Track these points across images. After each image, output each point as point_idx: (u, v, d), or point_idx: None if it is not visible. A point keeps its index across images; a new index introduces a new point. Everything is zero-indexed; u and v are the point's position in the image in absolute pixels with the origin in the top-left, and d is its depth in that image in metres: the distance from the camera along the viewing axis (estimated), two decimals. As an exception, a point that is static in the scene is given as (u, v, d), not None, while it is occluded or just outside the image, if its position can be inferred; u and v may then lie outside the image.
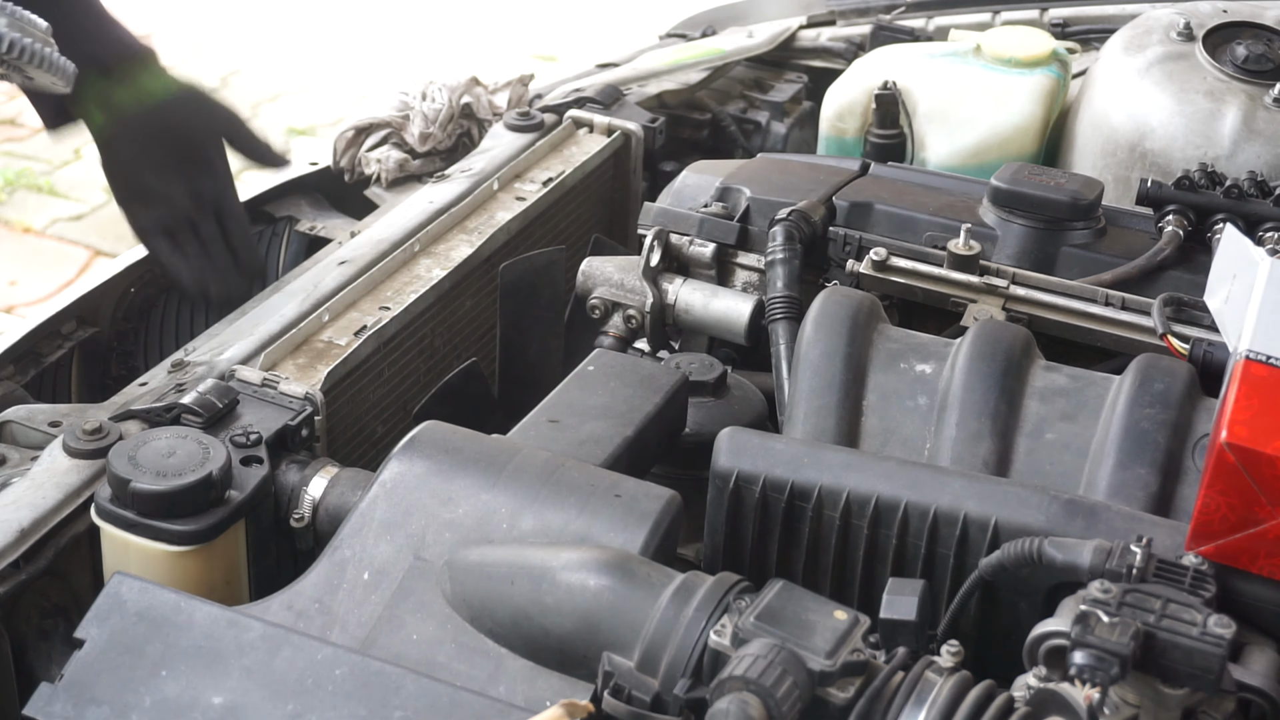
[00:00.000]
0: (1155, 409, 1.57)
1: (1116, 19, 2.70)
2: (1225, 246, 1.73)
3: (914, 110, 2.40)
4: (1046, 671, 1.27)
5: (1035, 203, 1.99)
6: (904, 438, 1.63)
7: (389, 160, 2.37)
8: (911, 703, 1.22)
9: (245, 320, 1.93)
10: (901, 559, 1.48)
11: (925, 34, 2.82)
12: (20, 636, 1.57)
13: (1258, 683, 1.28)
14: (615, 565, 1.34)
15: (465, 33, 6.15)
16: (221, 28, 6.19)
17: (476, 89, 2.48)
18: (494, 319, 2.10)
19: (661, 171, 2.45)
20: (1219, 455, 1.30)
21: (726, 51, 2.77)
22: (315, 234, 2.37)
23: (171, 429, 1.59)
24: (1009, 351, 1.65)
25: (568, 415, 1.67)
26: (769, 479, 1.50)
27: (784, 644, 1.23)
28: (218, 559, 1.56)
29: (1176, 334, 1.76)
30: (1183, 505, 1.51)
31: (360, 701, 1.30)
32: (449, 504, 1.45)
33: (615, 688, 1.29)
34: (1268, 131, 2.18)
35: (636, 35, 3.41)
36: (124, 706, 1.31)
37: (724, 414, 1.79)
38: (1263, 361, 1.39)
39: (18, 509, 1.57)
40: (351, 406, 1.86)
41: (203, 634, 1.35)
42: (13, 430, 1.72)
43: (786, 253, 1.95)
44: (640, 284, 2.01)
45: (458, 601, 1.39)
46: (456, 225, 2.13)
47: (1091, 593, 1.25)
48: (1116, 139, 2.26)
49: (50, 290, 4.46)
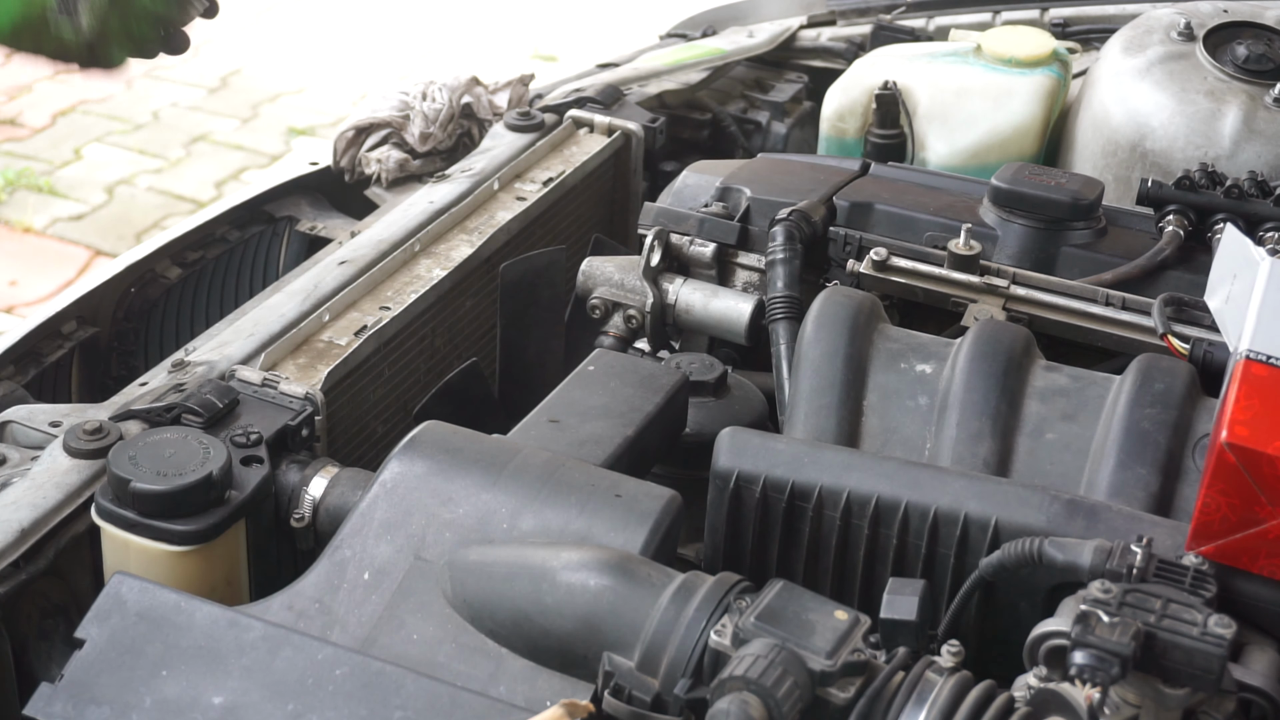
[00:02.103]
0: (1156, 409, 1.57)
1: (1117, 19, 2.70)
2: (1226, 246, 1.73)
3: (914, 110, 2.40)
4: (1047, 671, 1.27)
5: (1036, 203, 1.99)
6: (904, 438, 1.63)
7: (389, 160, 2.37)
8: (912, 703, 1.22)
9: (245, 320, 1.93)
10: (902, 559, 1.48)
11: (925, 34, 2.82)
12: (20, 636, 1.57)
13: (1258, 683, 1.28)
14: (616, 565, 1.34)
15: (465, 33, 6.15)
16: (221, 28, 6.19)
17: (477, 89, 2.48)
18: (494, 319, 2.10)
19: (662, 171, 2.45)
20: (1219, 455, 1.30)
21: (727, 51, 2.77)
22: (315, 234, 2.37)
23: (172, 429, 1.59)
24: (1009, 351, 1.65)
25: (568, 415, 1.67)
26: (769, 479, 1.50)
27: (784, 644, 1.23)
28: (218, 559, 1.56)
29: (1177, 334, 1.76)
30: (1183, 505, 1.51)
31: (360, 701, 1.30)
32: (449, 504, 1.45)
33: (615, 688, 1.30)
34: (1268, 131, 2.18)
35: (637, 35, 3.42)
36: (124, 706, 1.31)
37: (724, 414, 1.79)
38: (1263, 361, 1.39)
39: (18, 509, 1.56)
40: (352, 406, 1.86)
41: (203, 634, 1.35)
42: (13, 430, 1.71)
43: (787, 253, 1.95)
44: (640, 284, 2.01)
45: (458, 601, 1.39)
46: (457, 225, 2.13)
47: (1092, 593, 1.25)
48: (1117, 139, 2.27)
49: (50, 290, 4.47)
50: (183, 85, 5.75)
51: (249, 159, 5.29)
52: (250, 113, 5.62)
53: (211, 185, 5.10)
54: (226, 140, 5.42)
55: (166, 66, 5.88)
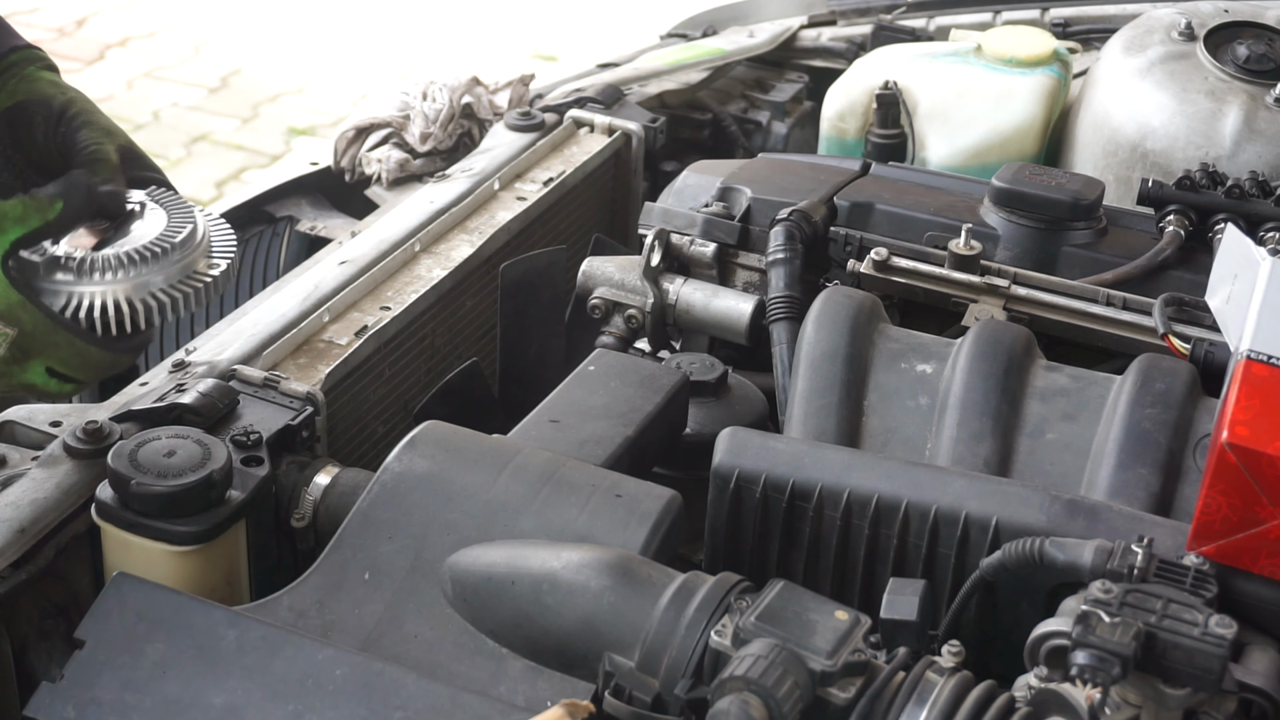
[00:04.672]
0: (1156, 409, 1.57)
1: (1117, 19, 2.70)
2: (1226, 246, 1.73)
3: (915, 110, 2.40)
4: (1048, 671, 1.27)
5: (1036, 203, 1.99)
6: (905, 438, 1.63)
7: (390, 160, 2.37)
8: (912, 703, 1.22)
9: (246, 320, 1.92)
10: (902, 559, 1.48)
11: (926, 34, 2.82)
12: (20, 636, 1.57)
13: (1259, 683, 1.28)
14: (616, 566, 1.34)
15: (465, 33, 6.15)
16: (222, 28, 6.19)
17: (477, 89, 2.48)
18: (494, 319, 2.10)
19: (662, 171, 2.45)
20: (1220, 455, 1.30)
21: (727, 51, 2.77)
22: (316, 234, 2.37)
23: (172, 429, 1.58)
24: (1010, 351, 1.65)
25: (568, 415, 1.67)
26: (770, 479, 1.50)
27: (785, 644, 1.23)
28: (218, 559, 1.55)
29: (1178, 334, 1.76)
30: (1184, 505, 1.51)
31: (360, 702, 1.30)
32: (449, 504, 1.45)
33: (616, 688, 1.29)
34: (1269, 131, 2.18)
35: (637, 35, 3.42)
36: (124, 706, 1.31)
37: (725, 414, 1.79)
38: (1264, 361, 1.39)
39: (18, 509, 1.56)
40: (352, 406, 1.86)
41: (203, 634, 1.35)
42: (13, 430, 1.71)
43: (787, 253, 1.95)
44: (641, 284, 2.01)
45: (458, 601, 1.39)
46: (457, 225, 2.13)
47: (1093, 593, 1.25)
48: (1118, 139, 2.26)
49: (50, 290, 4.46)
50: (183, 85, 5.76)
51: (249, 159, 5.29)
52: (250, 113, 5.61)
53: (212, 185, 5.10)
54: (227, 140, 5.42)
55: (167, 66, 5.89)
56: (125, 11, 6.30)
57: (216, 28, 6.19)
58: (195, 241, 1.65)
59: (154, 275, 1.61)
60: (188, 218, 1.66)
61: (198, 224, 1.66)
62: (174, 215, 1.67)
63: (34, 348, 1.59)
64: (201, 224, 1.67)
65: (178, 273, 1.63)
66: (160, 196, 1.70)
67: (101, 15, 6.25)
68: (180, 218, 1.66)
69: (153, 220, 1.67)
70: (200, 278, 1.64)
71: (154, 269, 1.61)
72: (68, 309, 1.60)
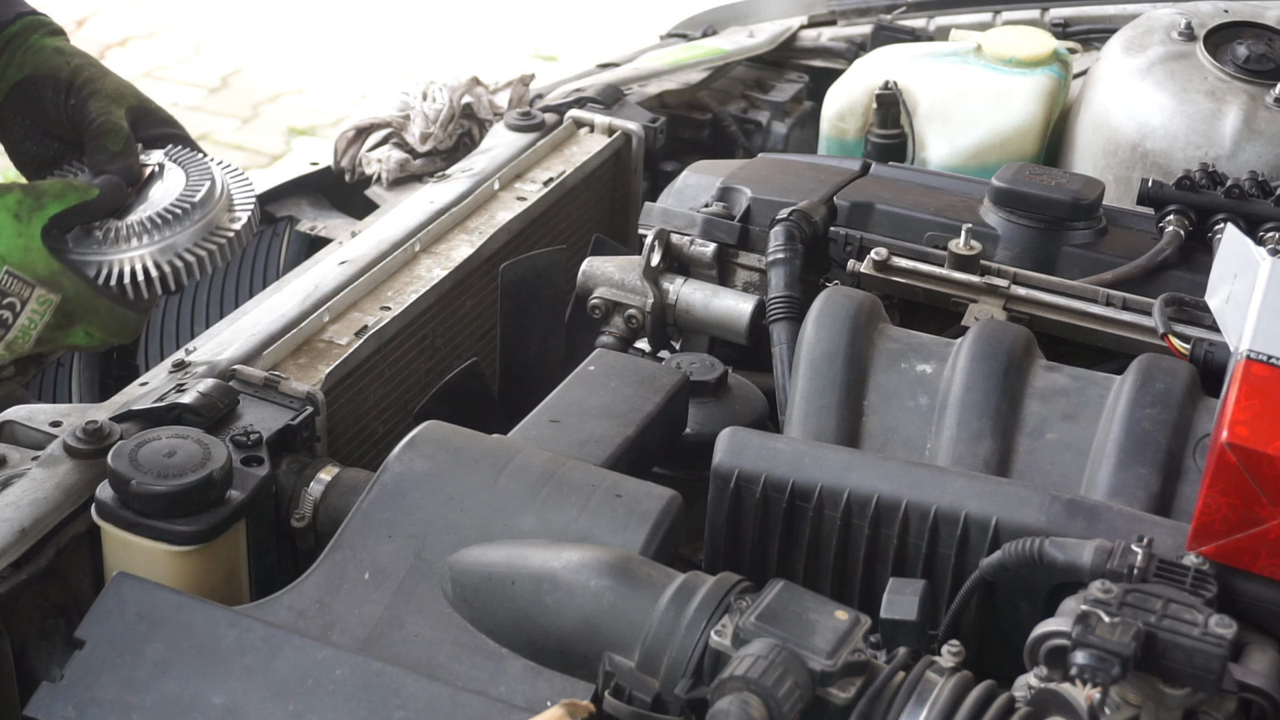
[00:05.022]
0: (1156, 409, 1.57)
1: (1117, 19, 2.70)
2: (1226, 246, 1.73)
3: (915, 110, 2.40)
4: (1047, 671, 1.27)
5: (1036, 203, 1.99)
6: (905, 438, 1.63)
7: (390, 160, 2.37)
8: (912, 703, 1.22)
9: (246, 320, 1.92)
10: (902, 559, 1.48)
11: (926, 34, 2.82)
12: (20, 636, 1.57)
13: (1259, 683, 1.28)
14: (616, 566, 1.34)
15: (465, 33, 6.15)
16: (222, 28, 6.19)
17: (477, 89, 2.48)
18: (494, 319, 2.10)
19: (662, 171, 2.45)
20: (1220, 455, 1.30)
21: (727, 51, 2.77)
22: (316, 234, 2.37)
23: (172, 429, 1.58)
24: (1010, 351, 1.65)
25: (568, 415, 1.67)
26: (770, 479, 1.50)
27: (785, 644, 1.23)
28: (218, 559, 1.55)
29: (1177, 334, 1.76)
30: (1184, 505, 1.51)
31: (361, 702, 1.30)
32: (450, 504, 1.45)
33: (616, 688, 1.29)
34: (1269, 131, 2.18)
35: (637, 35, 3.42)
36: (124, 706, 1.31)
37: (724, 414, 1.79)
38: (1263, 361, 1.39)
39: (18, 509, 1.56)
40: (352, 406, 1.86)
41: (203, 634, 1.35)
42: (13, 430, 1.71)
43: (787, 253, 1.95)
44: (641, 284, 2.01)
45: (458, 601, 1.39)
46: (457, 225, 2.13)
47: (1092, 593, 1.25)
48: (1117, 139, 2.26)
49: (51, 290, 4.46)
50: (183, 85, 5.75)
51: (249, 159, 5.29)
52: (250, 113, 5.61)
53: (212, 185, 5.09)
54: (227, 140, 5.42)
55: (167, 66, 5.89)
56: (125, 11, 6.30)
57: (216, 28, 6.19)
58: (215, 198, 1.71)
59: (179, 236, 1.69)
60: (205, 174, 1.72)
61: (215, 179, 1.72)
62: (191, 173, 1.72)
63: (76, 313, 1.70)
64: (220, 178, 1.73)
65: (201, 230, 1.70)
66: (177, 155, 1.76)
67: (101, 15, 6.25)
68: (198, 175, 1.73)
69: (172, 180, 1.72)
70: (223, 233, 1.72)
71: (178, 230, 1.69)
72: (99, 277, 1.69)
